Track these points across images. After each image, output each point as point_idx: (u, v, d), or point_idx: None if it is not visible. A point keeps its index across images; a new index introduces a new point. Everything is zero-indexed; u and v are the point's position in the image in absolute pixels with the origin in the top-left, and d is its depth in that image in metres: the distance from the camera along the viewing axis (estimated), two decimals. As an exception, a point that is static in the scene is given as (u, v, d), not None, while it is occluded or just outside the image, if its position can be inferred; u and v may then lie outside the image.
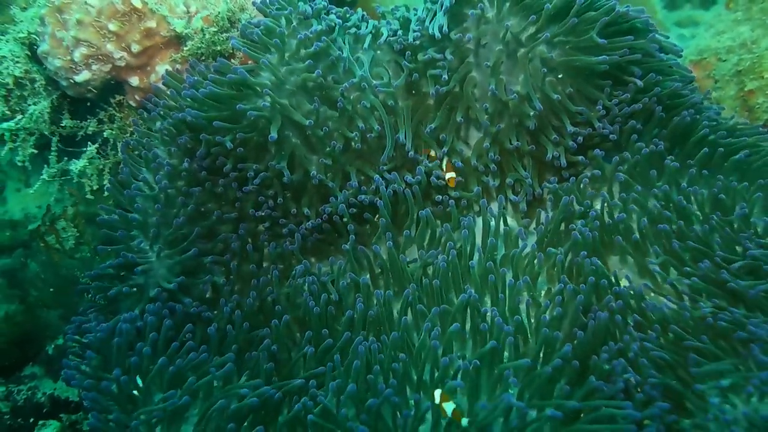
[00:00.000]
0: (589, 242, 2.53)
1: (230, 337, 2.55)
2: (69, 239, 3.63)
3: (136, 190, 2.82)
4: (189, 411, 2.25)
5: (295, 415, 2.18)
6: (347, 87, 2.77)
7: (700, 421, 2.03)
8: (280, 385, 2.30)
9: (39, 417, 3.62)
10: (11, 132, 3.13)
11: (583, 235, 2.53)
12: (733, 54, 4.01)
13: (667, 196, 2.59)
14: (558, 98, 2.72)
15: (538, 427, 2.02)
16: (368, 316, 2.51)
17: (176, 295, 2.74)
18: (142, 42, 3.01)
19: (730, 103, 4.05)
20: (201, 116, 2.70)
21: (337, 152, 2.79)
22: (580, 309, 2.31)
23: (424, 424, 2.12)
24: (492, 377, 2.16)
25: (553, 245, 2.63)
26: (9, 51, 3.17)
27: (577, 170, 2.88)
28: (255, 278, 2.80)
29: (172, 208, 2.79)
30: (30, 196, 4.44)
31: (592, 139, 2.86)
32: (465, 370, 2.15)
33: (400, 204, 2.86)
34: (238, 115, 2.71)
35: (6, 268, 4.52)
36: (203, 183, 2.83)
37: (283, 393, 2.29)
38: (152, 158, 2.85)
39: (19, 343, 4.31)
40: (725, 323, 2.18)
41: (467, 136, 2.97)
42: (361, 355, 2.28)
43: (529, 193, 2.86)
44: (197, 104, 2.75)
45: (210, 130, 2.73)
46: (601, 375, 2.15)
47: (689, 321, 2.28)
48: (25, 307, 4.41)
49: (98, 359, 2.41)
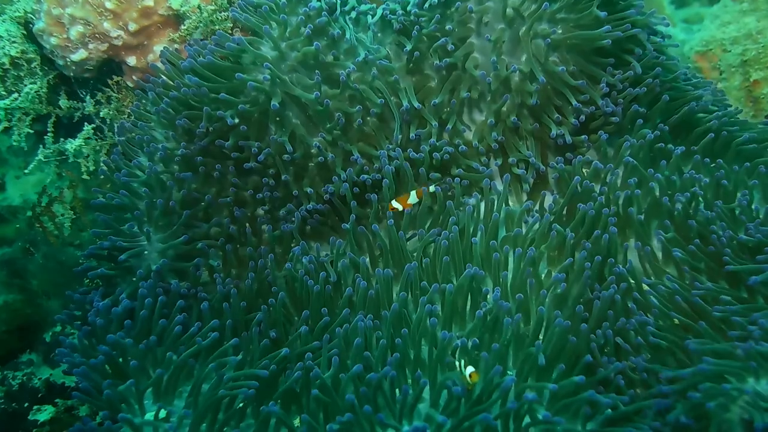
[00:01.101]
0: (599, 221, 2.50)
1: (225, 315, 2.51)
2: (65, 221, 3.60)
3: (130, 174, 2.78)
4: (181, 385, 2.22)
5: (291, 387, 2.14)
6: (351, 67, 2.74)
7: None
8: (272, 356, 2.26)
9: (34, 402, 3.59)
10: (6, 111, 3.11)
11: (588, 214, 2.50)
12: (738, 44, 3.97)
13: (670, 182, 2.56)
14: (563, 69, 2.68)
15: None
16: (368, 295, 2.47)
17: (166, 277, 2.71)
18: (139, 21, 2.97)
19: (735, 93, 4.01)
20: (203, 85, 2.66)
21: (339, 128, 2.75)
22: (587, 284, 2.30)
23: (422, 402, 2.08)
24: (492, 355, 2.12)
25: (559, 225, 2.59)
26: (5, 30, 3.13)
27: (579, 152, 2.85)
28: (252, 260, 2.77)
29: (164, 192, 2.76)
30: (30, 182, 4.42)
31: (595, 119, 2.82)
32: (463, 347, 2.12)
33: (402, 184, 2.82)
34: (237, 88, 2.67)
35: (6, 257, 4.51)
36: (198, 167, 2.79)
37: (278, 364, 2.24)
38: (148, 141, 2.82)
39: (18, 331, 4.29)
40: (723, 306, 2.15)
41: (470, 117, 2.93)
42: (361, 330, 2.25)
43: (533, 173, 2.82)
44: (197, 76, 2.71)
45: (210, 103, 2.69)
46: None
47: (690, 302, 2.24)
48: (25, 296, 4.39)
49: (87, 334, 2.39)
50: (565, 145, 2.78)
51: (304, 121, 2.79)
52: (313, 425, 2.03)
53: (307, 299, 2.58)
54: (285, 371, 2.27)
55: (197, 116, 2.74)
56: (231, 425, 2.12)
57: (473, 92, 2.84)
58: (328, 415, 2.08)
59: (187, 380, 2.22)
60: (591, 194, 2.60)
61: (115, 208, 2.76)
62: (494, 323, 2.19)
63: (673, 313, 2.25)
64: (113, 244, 2.69)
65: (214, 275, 2.80)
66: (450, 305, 2.31)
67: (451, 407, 1.96)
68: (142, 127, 2.88)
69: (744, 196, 2.46)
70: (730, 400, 1.88)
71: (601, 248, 2.42)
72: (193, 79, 2.69)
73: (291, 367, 2.28)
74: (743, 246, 2.31)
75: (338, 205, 2.85)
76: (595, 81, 2.76)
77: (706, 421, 1.89)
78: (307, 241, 2.91)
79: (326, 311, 2.48)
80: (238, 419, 2.15)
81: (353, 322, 2.32)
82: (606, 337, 2.22)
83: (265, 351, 2.34)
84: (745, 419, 1.85)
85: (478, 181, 2.83)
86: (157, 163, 2.79)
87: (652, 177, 2.60)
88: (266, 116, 2.72)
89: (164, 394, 2.19)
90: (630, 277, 2.41)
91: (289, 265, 2.70)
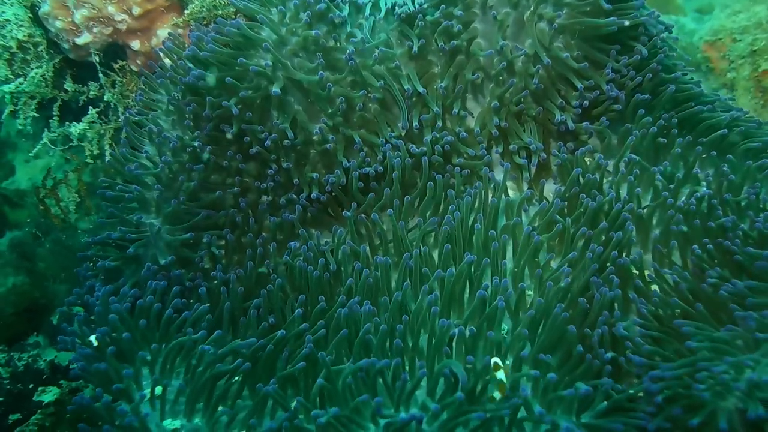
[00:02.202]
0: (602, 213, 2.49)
1: (223, 299, 2.53)
2: (70, 204, 3.62)
3: (138, 164, 2.78)
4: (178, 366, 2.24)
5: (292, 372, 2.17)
6: (351, 49, 2.73)
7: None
8: (270, 337, 2.27)
9: (39, 383, 3.62)
10: (12, 95, 3.13)
11: (589, 207, 2.49)
12: (747, 34, 3.93)
13: (673, 175, 2.55)
14: (567, 56, 2.67)
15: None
16: (367, 283, 2.46)
17: (171, 269, 2.71)
18: (143, 5, 2.99)
19: (744, 83, 3.97)
20: (205, 76, 2.67)
21: (341, 113, 2.75)
22: (591, 276, 2.28)
23: (420, 390, 2.09)
24: (488, 344, 2.13)
25: (561, 215, 2.58)
26: (13, 14, 3.15)
27: (581, 140, 2.83)
28: (252, 248, 2.77)
29: (174, 182, 2.76)
30: (38, 167, 4.46)
31: (598, 105, 2.81)
32: (461, 336, 2.12)
33: (402, 174, 2.80)
34: (239, 74, 2.68)
35: (14, 241, 4.55)
36: (208, 156, 2.78)
37: (275, 345, 2.26)
38: (158, 132, 2.81)
39: (26, 313, 4.34)
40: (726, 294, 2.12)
41: (475, 100, 2.92)
42: (359, 314, 2.26)
43: (534, 161, 2.80)
44: (199, 64, 2.71)
45: (213, 92, 2.69)
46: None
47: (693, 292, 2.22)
48: (33, 279, 4.43)
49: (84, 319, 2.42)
50: (568, 131, 2.76)
51: (306, 107, 2.79)
52: (309, 407, 2.05)
53: (306, 286, 2.59)
54: (281, 352, 2.27)
55: (202, 104, 2.74)
56: (227, 404, 2.14)
57: (477, 77, 2.83)
58: (324, 399, 2.09)
59: (183, 362, 2.24)
60: (594, 185, 2.59)
61: (121, 198, 2.78)
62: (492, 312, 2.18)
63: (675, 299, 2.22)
64: (123, 236, 2.71)
65: (216, 264, 2.81)
66: (449, 293, 2.31)
67: (447, 399, 1.96)
68: (149, 115, 2.88)
69: (754, 188, 2.43)
70: (726, 388, 1.87)
71: (605, 241, 2.40)
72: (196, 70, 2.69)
73: (290, 350, 2.29)
74: (748, 237, 2.28)
75: (339, 195, 2.85)
76: (599, 66, 2.74)
77: (700, 410, 1.87)
78: (307, 228, 2.90)
79: (323, 299, 2.48)
80: (234, 398, 2.16)
81: (349, 306, 2.32)
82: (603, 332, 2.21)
83: (263, 334, 2.36)
84: (740, 408, 1.84)
85: (479, 169, 2.82)
86: (167, 152, 2.77)
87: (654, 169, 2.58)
88: (269, 102, 2.72)
89: (161, 374, 2.21)
90: (633, 267, 2.40)
91: (287, 256, 2.71)
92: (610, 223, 2.44)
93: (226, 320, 2.47)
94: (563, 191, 2.63)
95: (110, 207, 2.78)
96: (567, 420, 1.99)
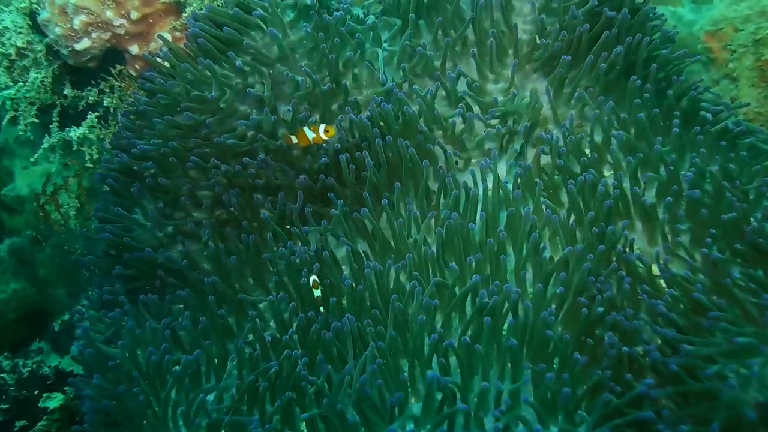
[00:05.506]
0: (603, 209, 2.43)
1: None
2: (70, 210, 3.61)
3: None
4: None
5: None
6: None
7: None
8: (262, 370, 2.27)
9: (44, 389, 3.63)
10: (12, 101, 3.12)
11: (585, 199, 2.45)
12: (750, 23, 3.88)
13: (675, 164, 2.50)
14: None
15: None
16: (358, 290, 2.38)
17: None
18: (141, 9, 2.98)
19: (746, 74, 3.93)
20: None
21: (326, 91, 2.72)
22: (586, 276, 2.23)
23: (417, 404, 2.07)
24: (489, 355, 2.10)
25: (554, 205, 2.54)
26: (11, 22, 3.17)
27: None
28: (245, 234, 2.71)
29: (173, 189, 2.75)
30: (37, 173, 4.45)
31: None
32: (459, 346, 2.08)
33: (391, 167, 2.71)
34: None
35: (15, 246, 4.55)
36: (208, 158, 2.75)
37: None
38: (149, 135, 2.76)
39: (27, 319, 4.34)
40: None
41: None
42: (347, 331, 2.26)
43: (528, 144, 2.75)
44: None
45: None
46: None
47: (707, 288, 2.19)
48: (33, 285, 4.43)
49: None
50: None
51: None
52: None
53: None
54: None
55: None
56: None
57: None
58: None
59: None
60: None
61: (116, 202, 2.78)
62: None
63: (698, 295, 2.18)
64: (114, 236, 2.71)
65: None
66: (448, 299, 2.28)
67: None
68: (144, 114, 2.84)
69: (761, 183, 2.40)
70: (745, 380, 1.85)
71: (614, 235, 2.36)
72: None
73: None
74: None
75: (331, 184, 2.73)
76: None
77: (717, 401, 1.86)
78: (302, 223, 2.80)
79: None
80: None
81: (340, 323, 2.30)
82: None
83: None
84: (760, 402, 1.82)
85: (474, 153, 2.77)
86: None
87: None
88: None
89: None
90: (639, 262, 2.36)
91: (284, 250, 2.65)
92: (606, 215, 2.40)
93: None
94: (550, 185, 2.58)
95: (109, 227, 2.76)
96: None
